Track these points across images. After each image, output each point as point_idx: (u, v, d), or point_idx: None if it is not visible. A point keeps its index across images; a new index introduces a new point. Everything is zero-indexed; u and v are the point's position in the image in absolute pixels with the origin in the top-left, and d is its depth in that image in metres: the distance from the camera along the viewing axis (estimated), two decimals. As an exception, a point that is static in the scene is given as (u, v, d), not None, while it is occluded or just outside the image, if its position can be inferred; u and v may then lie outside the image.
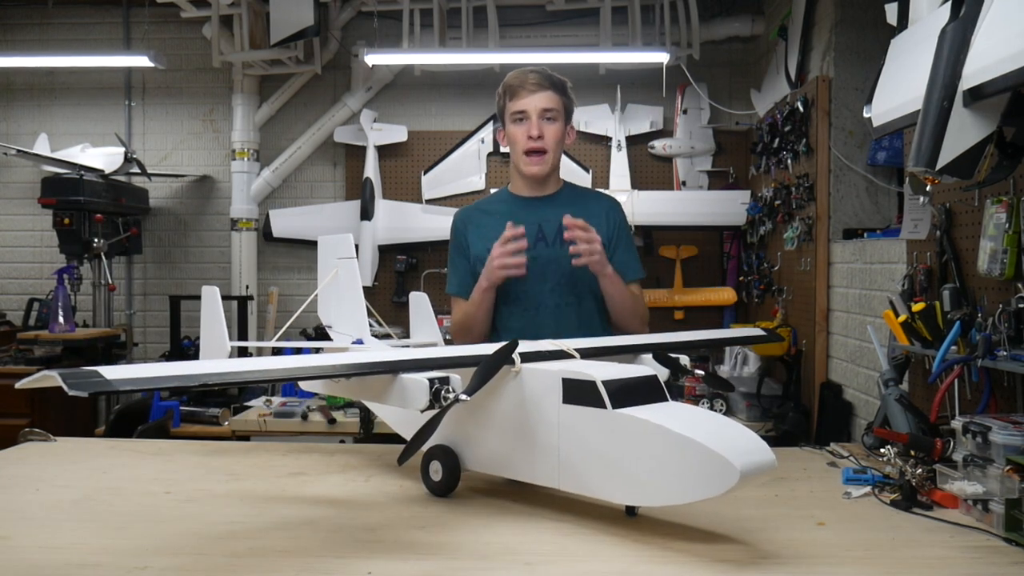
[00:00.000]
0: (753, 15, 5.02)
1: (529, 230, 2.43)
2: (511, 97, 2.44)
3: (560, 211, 2.45)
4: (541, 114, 2.41)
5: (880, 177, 3.68)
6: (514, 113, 2.43)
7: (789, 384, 3.98)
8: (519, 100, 2.42)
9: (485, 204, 2.63)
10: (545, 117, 2.41)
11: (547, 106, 2.41)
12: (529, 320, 2.43)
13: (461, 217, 2.59)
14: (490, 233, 2.45)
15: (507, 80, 2.46)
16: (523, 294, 2.44)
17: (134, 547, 1.40)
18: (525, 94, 2.41)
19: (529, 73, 2.43)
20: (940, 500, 1.64)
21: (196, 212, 5.59)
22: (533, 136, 2.41)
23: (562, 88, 2.45)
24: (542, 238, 2.45)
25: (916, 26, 1.91)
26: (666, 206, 4.89)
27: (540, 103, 2.40)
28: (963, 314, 2.06)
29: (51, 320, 4.67)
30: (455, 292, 2.55)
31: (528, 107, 2.41)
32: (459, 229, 2.56)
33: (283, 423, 3.93)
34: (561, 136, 2.45)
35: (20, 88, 5.62)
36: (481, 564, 1.34)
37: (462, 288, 2.52)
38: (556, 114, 2.43)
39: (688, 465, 1.31)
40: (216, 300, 2.00)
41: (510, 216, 2.45)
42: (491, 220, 2.49)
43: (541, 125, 2.41)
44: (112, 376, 1.24)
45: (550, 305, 2.43)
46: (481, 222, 2.53)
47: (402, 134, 5.26)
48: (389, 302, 5.20)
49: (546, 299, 2.43)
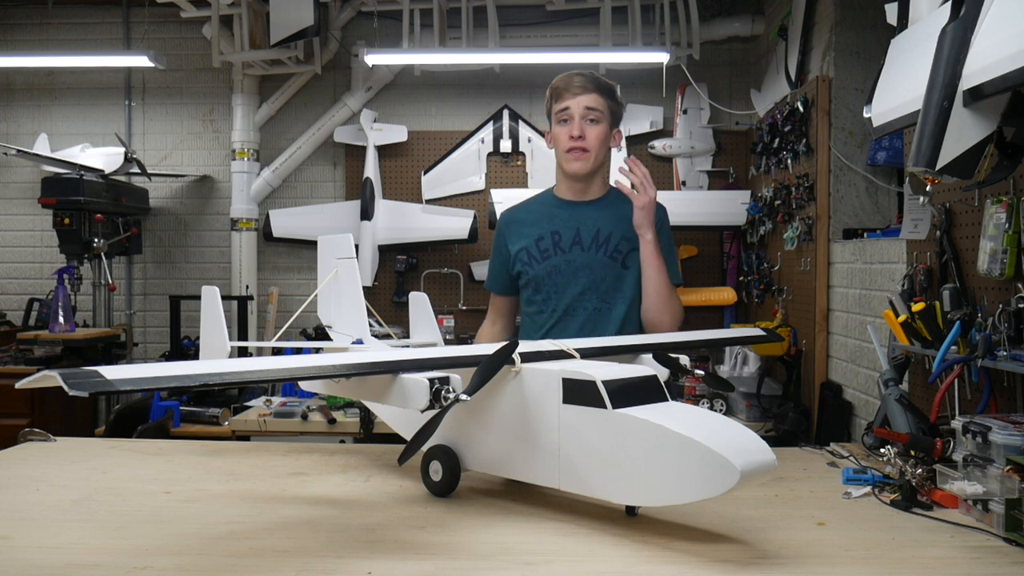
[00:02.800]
0: (753, 15, 5.02)
1: (566, 233, 2.48)
2: (556, 99, 2.47)
3: (601, 215, 2.50)
4: (584, 114, 2.42)
5: (880, 177, 3.68)
6: (558, 113, 2.46)
7: (789, 384, 3.98)
8: (563, 100, 2.44)
9: (528, 204, 2.66)
10: (588, 118, 2.43)
11: (591, 105, 2.42)
12: (560, 324, 2.46)
13: (505, 218, 2.65)
14: (529, 231, 2.52)
15: (554, 82, 2.49)
16: (555, 297, 2.47)
17: (134, 547, 1.40)
18: (569, 96, 2.43)
19: (575, 75, 2.45)
20: (940, 500, 1.64)
21: (196, 212, 5.59)
22: (575, 136, 2.43)
23: (608, 92, 2.46)
24: (578, 242, 2.47)
25: (916, 26, 1.91)
26: (666, 206, 4.86)
27: (584, 103, 2.42)
28: (963, 314, 2.05)
29: (51, 320, 4.67)
30: (490, 288, 2.67)
31: (572, 107, 2.42)
32: (501, 229, 2.63)
33: (283, 423, 3.93)
34: (605, 138, 2.47)
35: (20, 88, 5.62)
36: (481, 564, 1.34)
37: (494, 284, 2.65)
38: (600, 115, 2.44)
39: (688, 465, 1.31)
40: (216, 300, 2.00)
41: (549, 217, 2.52)
42: (532, 220, 2.55)
43: (584, 126, 2.42)
44: (112, 376, 1.24)
45: (582, 310, 2.45)
46: (522, 221, 2.58)
47: (402, 134, 5.26)
48: (389, 302, 5.20)
49: (577, 303, 2.45)
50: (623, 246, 2.47)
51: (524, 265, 2.51)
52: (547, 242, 2.49)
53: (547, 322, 2.48)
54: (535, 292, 2.51)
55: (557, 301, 2.47)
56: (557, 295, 2.47)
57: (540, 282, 2.49)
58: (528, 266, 2.51)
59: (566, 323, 2.45)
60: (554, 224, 2.50)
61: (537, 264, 2.49)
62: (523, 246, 2.51)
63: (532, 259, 2.50)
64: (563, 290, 2.46)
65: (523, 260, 2.52)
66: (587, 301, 2.45)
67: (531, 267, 2.50)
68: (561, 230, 2.49)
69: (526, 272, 2.51)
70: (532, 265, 2.50)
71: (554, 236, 2.48)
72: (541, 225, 2.52)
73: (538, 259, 2.50)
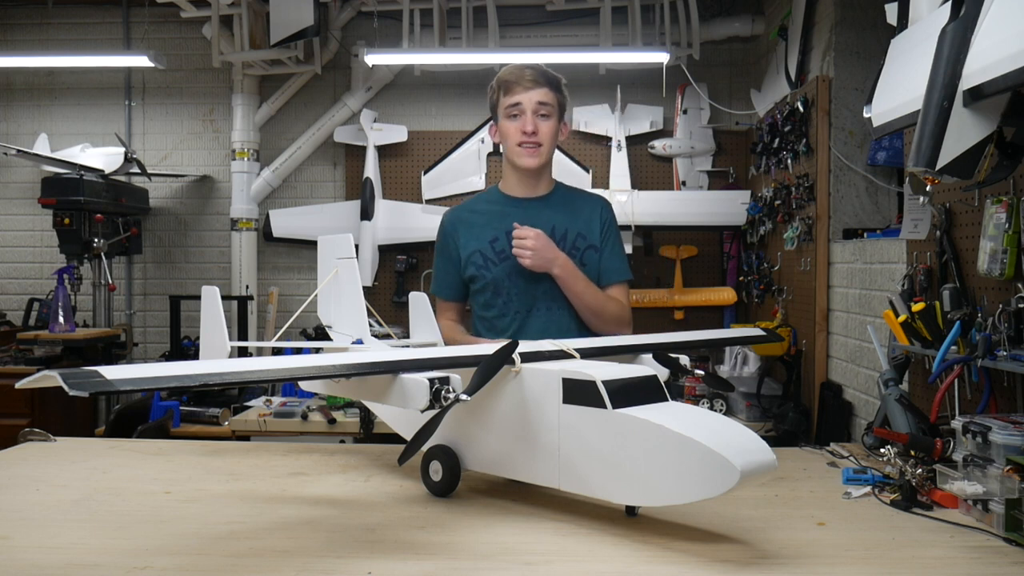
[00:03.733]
0: (753, 15, 5.02)
1: None
2: (505, 92, 2.42)
3: (553, 212, 2.46)
4: (536, 109, 2.39)
5: (880, 177, 3.68)
6: (508, 108, 2.42)
7: (789, 384, 3.98)
8: (514, 95, 2.40)
9: (474, 204, 2.59)
10: (540, 113, 2.40)
11: (542, 100, 2.40)
12: (520, 322, 2.42)
13: (450, 218, 2.56)
14: (481, 233, 2.45)
15: (501, 75, 2.44)
16: (515, 297, 2.42)
17: (134, 547, 1.40)
18: (520, 90, 2.39)
19: (525, 69, 2.41)
20: (940, 500, 1.64)
21: (196, 212, 5.59)
22: (527, 132, 2.39)
23: (557, 85, 2.43)
24: None
25: (916, 26, 1.91)
26: (666, 206, 4.89)
27: (535, 98, 2.39)
28: (963, 314, 2.05)
29: (51, 320, 4.67)
30: (439, 294, 2.55)
31: (523, 102, 2.39)
32: (448, 231, 2.53)
33: (283, 423, 3.93)
34: (555, 132, 2.44)
35: (20, 88, 5.61)
36: (481, 564, 1.34)
37: (446, 290, 2.53)
38: (551, 110, 2.41)
39: (688, 465, 1.31)
40: (216, 300, 2.00)
41: (501, 216, 2.45)
42: (481, 220, 2.48)
43: (536, 121, 2.40)
44: (112, 376, 1.24)
45: (542, 308, 2.42)
46: (472, 222, 2.50)
47: (402, 134, 5.25)
48: (389, 302, 5.20)
49: (538, 302, 2.42)
50: (580, 243, 2.45)
51: (480, 268, 2.44)
52: (503, 242, 2.42)
53: (510, 326, 2.42)
54: (494, 295, 2.44)
55: (520, 303, 2.42)
56: (519, 297, 2.41)
57: (499, 284, 2.42)
58: (485, 269, 2.43)
59: (529, 324, 2.40)
60: (507, 223, 2.41)
61: (494, 266, 2.43)
62: (476, 248, 2.44)
63: (488, 261, 2.43)
64: (525, 290, 2.41)
65: (477, 263, 2.44)
66: (550, 300, 2.41)
67: (487, 270, 2.43)
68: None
69: (482, 276, 2.44)
70: (489, 268, 2.43)
71: (509, 236, 2.39)
72: (493, 225, 2.45)
73: (495, 261, 2.43)
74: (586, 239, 2.46)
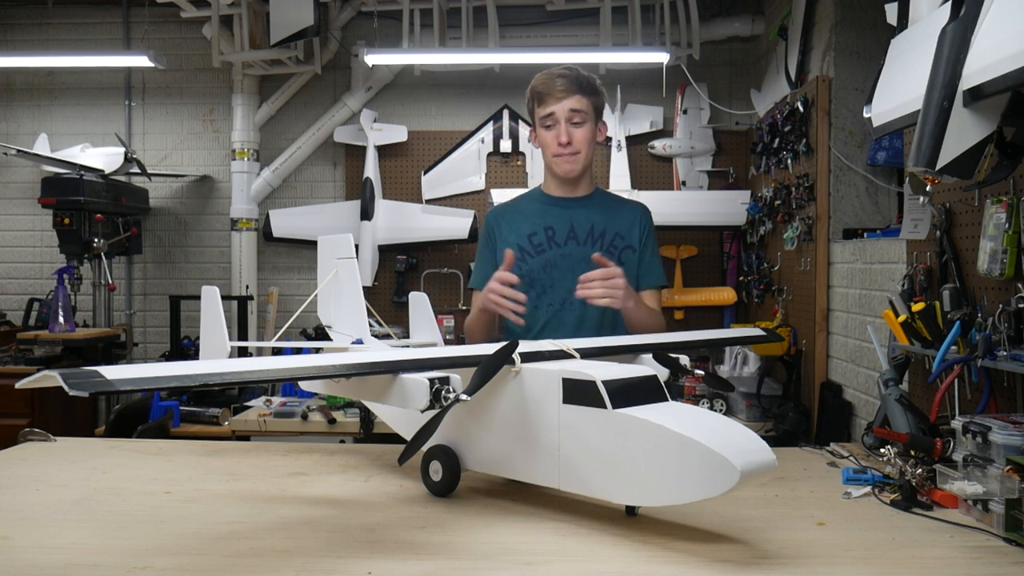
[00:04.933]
0: (753, 15, 5.02)
1: (561, 228, 2.49)
2: (539, 103, 2.45)
3: (593, 212, 2.51)
4: (569, 117, 2.41)
5: (880, 177, 3.68)
6: (543, 118, 2.45)
7: (789, 384, 3.98)
8: (547, 106, 2.43)
9: (517, 202, 2.65)
10: (573, 121, 2.42)
11: (575, 108, 2.41)
12: (554, 315, 2.45)
13: (494, 213, 2.64)
14: (520, 227, 2.51)
15: (534, 84, 2.46)
16: (551, 290, 2.46)
17: (134, 547, 1.40)
18: (553, 100, 2.41)
19: (556, 78, 2.42)
20: (940, 500, 1.64)
21: (196, 212, 5.59)
22: (563, 143, 2.43)
23: (590, 88, 2.44)
24: (573, 236, 2.48)
25: (916, 26, 1.91)
26: (666, 206, 4.87)
27: (568, 106, 2.41)
28: (963, 314, 2.05)
29: (51, 320, 4.67)
30: (476, 287, 2.57)
31: (556, 111, 2.41)
32: (490, 225, 2.60)
33: (283, 423, 3.93)
34: (591, 137, 2.47)
35: (20, 88, 5.61)
36: (481, 564, 1.34)
37: (483, 282, 2.52)
38: (585, 116, 2.43)
39: (688, 465, 1.31)
40: (216, 300, 2.00)
41: (540, 213, 2.51)
42: (523, 216, 2.54)
43: (570, 130, 2.42)
44: (112, 376, 1.24)
45: (577, 302, 2.42)
46: (513, 218, 2.56)
47: (402, 134, 5.26)
48: (389, 302, 5.20)
49: (571, 296, 2.42)
50: (618, 242, 2.49)
51: (517, 260, 2.47)
52: (540, 237, 2.48)
53: (542, 318, 2.45)
54: (528, 288, 2.45)
55: (553, 296, 2.46)
56: (553, 290, 2.46)
57: (535, 277, 2.46)
58: (521, 261, 2.47)
59: (562, 317, 2.44)
60: (546, 219, 2.49)
61: (531, 259, 2.48)
62: (514, 241, 2.49)
63: (525, 254, 2.48)
64: (559, 284, 2.44)
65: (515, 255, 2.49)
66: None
67: (524, 262, 2.47)
68: (554, 225, 2.49)
69: (518, 267, 2.46)
70: (525, 260, 2.48)
71: (547, 231, 2.48)
72: (533, 221, 2.51)
73: (532, 254, 2.48)
74: (624, 239, 2.50)
